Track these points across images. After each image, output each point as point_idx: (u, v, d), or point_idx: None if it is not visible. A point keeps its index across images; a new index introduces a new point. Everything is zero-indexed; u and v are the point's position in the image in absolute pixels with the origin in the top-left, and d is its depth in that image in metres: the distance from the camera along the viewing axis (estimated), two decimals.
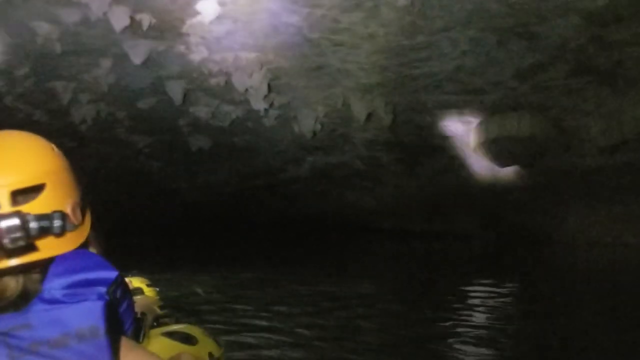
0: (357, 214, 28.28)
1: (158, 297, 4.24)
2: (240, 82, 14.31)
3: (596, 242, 18.35)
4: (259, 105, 15.40)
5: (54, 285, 0.87)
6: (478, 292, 11.05)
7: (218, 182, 25.79)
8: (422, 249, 22.95)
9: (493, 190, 19.92)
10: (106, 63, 13.68)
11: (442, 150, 18.61)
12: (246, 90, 14.66)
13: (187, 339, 2.42)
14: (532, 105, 13.25)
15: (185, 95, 15.86)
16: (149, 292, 4.27)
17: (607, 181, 15.95)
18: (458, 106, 14.52)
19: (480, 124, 14.07)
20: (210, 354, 2.38)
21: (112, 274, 0.90)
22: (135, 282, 4.13)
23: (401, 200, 25.13)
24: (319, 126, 17.63)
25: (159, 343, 2.29)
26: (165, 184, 25.36)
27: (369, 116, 15.93)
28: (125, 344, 0.89)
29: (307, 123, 17.35)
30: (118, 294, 0.91)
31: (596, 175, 15.62)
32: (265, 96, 15.01)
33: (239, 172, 24.64)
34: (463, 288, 11.49)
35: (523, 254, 19.32)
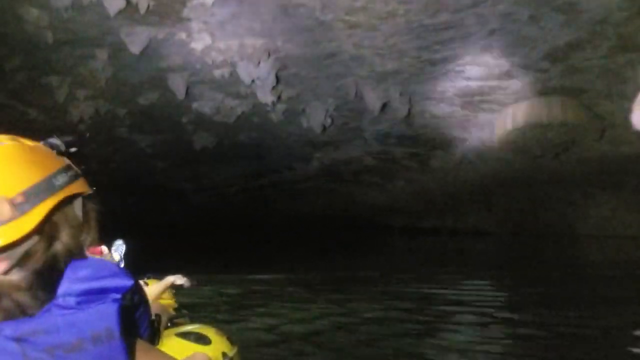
0: (366, 212, 27.36)
1: (173, 299, 4.34)
2: (246, 72, 13.36)
3: (625, 235, 17.34)
4: (266, 97, 14.45)
5: (69, 292, 0.84)
6: (491, 289, 10.17)
7: (223, 182, 24.88)
8: (434, 246, 21.96)
9: (513, 185, 18.95)
10: (102, 54, 12.75)
11: (460, 143, 17.63)
12: (252, 81, 13.71)
13: (201, 339, 2.46)
14: (564, 89, 12.26)
15: (188, 89, 14.95)
16: (164, 294, 4.25)
17: None
18: (482, 93, 13.53)
19: (506, 111, 13.07)
20: (224, 354, 2.41)
21: (128, 283, 0.87)
22: (150, 284, 4.11)
23: (413, 196, 24.20)
24: (329, 120, 16.68)
25: (172, 343, 2.31)
26: (170, 184, 24.46)
27: (383, 107, 14.97)
28: (141, 346, 0.86)
29: (316, 117, 16.41)
30: (134, 299, 0.87)
31: (633, 164, 14.57)
32: (273, 88, 14.07)
33: (244, 172, 23.73)
34: (477, 284, 10.54)
35: (543, 250, 18.32)
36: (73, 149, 1.02)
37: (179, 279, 3.69)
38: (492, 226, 23.06)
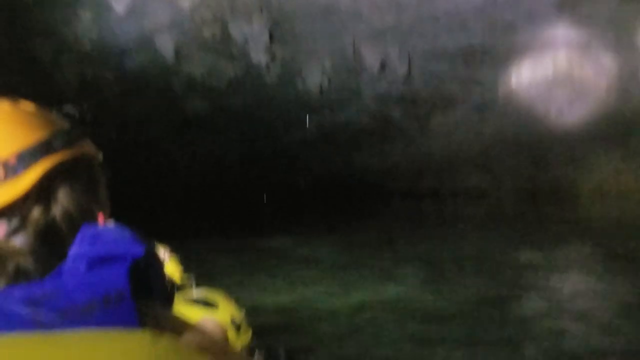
0: (364, 176, 26.92)
1: (180, 265, 4.35)
2: (238, 30, 12.78)
3: (629, 191, 16.99)
4: (260, 57, 13.89)
5: (78, 256, 0.81)
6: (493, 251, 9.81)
7: (217, 150, 24.33)
8: (433, 210, 21.59)
9: (514, 144, 18.49)
10: (86, 15, 12.11)
11: (461, 103, 17.09)
12: (245, 40, 13.12)
13: (209, 304, 2.44)
14: (572, 41, 11.71)
15: (177, 51, 14.34)
16: (170, 260, 4.36)
17: None
18: (485, 48, 12.96)
19: (510, 67, 12.53)
20: (233, 318, 2.41)
21: (140, 248, 0.84)
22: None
23: (411, 159, 23.72)
24: (326, 81, 16.13)
25: (180, 309, 2.22)
26: (161, 154, 23.90)
27: (382, 66, 14.41)
28: (154, 308, 0.85)
29: (313, 78, 15.85)
30: (148, 263, 0.85)
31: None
32: (267, 47, 13.49)
33: (239, 138, 23.15)
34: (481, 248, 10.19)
35: (545, 210, 17.97)
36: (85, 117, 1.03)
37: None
38: (492, 187, 22.68)
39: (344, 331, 5.48)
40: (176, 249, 4.92)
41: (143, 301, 0.83)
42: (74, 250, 0.84)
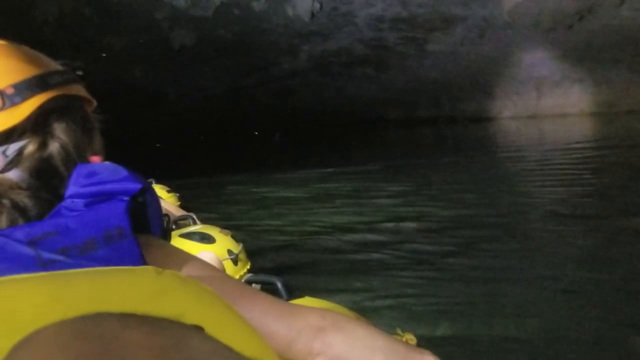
0: (359, 105, 26.31)
1: (179, 203, 4.35)
2: None
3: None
4: None
5: (76, 194, 0.83)
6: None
7: (206, 84, 23.50)
8: (432, 135, 21.14)
9: (516, 64, 17.85)
10: None
11: (460, 22, 16.27)
12: None
13: (205, 239, 2.50)
14: None
15: None
16: (169, 197, 4.37)
17: None
18: None
19: None
20: (229, 251, 2.47)
21: (137, 185, 0.85)
22: (155, 189, 3.13)
23: (408, 86, 23.06)
24: (317, 5, 15.24)
25: (177, 244, 2.08)
26: (150, 89, 23.08)
27: None
28: (155, 242, 0.88)
29: (303, 2, 14.95)
30: (145, 199, 0.88)
31: None
32: None
33: (228, 70, 22.29)
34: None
35: (543, 129, 17.52)
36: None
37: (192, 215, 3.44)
38: (492, 111, 22.21)
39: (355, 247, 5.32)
40: (173, 187, 4.87)
41: (144, 236, 0.83)
42: (71, 188, 0.85)
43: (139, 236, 0.81)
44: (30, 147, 0.87)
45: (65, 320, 0.58)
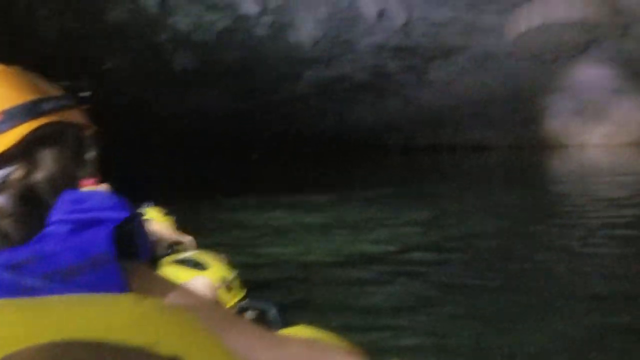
0: (359, 132, 26.31)
1: (175, 226, 4.23)
2: None
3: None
4: (250, 8, 13.03)
5: (61, 221, 0.82)
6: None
7: (208, 106, 23.51)
8: (429, 163, 21.03)
9: (517, 95, 17.85)
10: None
11: (461, 52, 16.32)
12: None
13: (199, 265, 2.45)
14: None
15: (162, 3, 13.46)
16: (165, 221, 4.23)
17: None
18: None
19: (519, 11, 11.76)
20: (224, 278, 2.42)
21: (124, 214, 0.83)
22: (150, 212, 4.12)
23: (408, 113, 23.08)
24: (320, 33, 15.29)
25: (170, 271, 2.29)
26: (152, 110, 23.08)
27: (379, 15, 13.60)
28: (140, 270, 0.84)
29: (306, 29, 14.99)
30: (132, 227, 0.84)
31: None
32: None
33: (229, 94, 22.33)
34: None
35: (547, 161, 17.43)
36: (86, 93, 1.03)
37: (184, 238, 3.43)
38: (493, 140, 22.18)
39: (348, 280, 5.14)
40: (171, 210, 4.68)
41: (129, 264, 0.82)
42: (56, 214, 0.84)
43: (124, 263, 0.79)
44: (17, 174, 0.86)
45: (34, 346, 0.57)
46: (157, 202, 4.80)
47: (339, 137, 27.17)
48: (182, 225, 4.43)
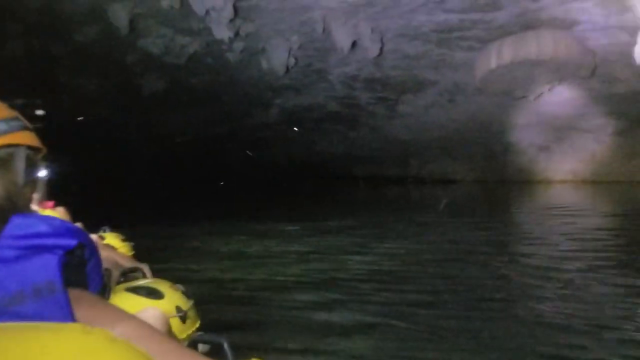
0: (329, 161, 26.26)
1: (132, 252, 4.18)
2: (199, 2, 11.73)
3: (608, 180, 16.80)
4: (222, 32, 12.86)
5: (8, 246, 0.82)
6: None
7: (175, 131, 23.15)
8: (396, 195, 21.08)
9: (484, 130, 18.07)
10: None
11: (432, 86, 16.47)
12: (207, 13, 12.09)
13: (153, 294, 2.35)
14: (554, 22, 11.16)
15: (132, 23, 13.19)
16: (122, 247, 4.20)
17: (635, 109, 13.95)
18: (461, 28, 12.31)
19: (490, 48, 11.92)
20: (178, 308, 2.33)
21: (73, 241, 0.86)
22: (108, 238, 4.08)
23: (377, 145, 23.16)
24: (292, 60, 15.21)
25: (123, 299, 2.24)
26: (116, 134, 22.59)
27: (353, 46, 13.62)
28: (88, 299, 0.85)
29: (278, 56, 14.90)
30: (83, 255, 0.89)
31: (625, 104, 13.74)
32: (231, 21, 12.49)
33: (198, 119, 22.05)
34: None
35: (514, 195, 17.60)
36: (39, 112, 1.23)
37: (140, 265, 3.14)
38: (459, 174, 22.36)
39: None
40: (129, 236, 4.68)
41: (76, 292, 0.79)
42: (2, 240, 0.82)
43: (71, 291, 0.78)
44: None
45: None
46: (117, 227, 4.81)
47: (308, 166, 27.07)
48: (141, 252, 4.32)
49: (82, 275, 0.87)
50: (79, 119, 18.40)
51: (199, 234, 10.23)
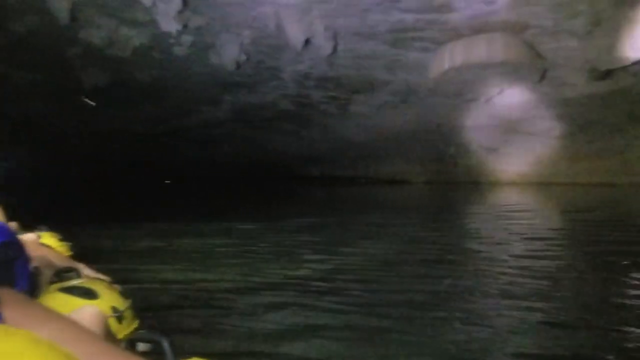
0: (280, 160, 25.90)
1: (70, 252, 4.02)
2: None
3: (552, 182, 17.14)
4: (170, 25, 12.31)
5: None
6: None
7: (119, 127, 22.25)
8: (346, 195, 20.98)
9: (435, 131, 18.12)
10: None
11: (384, 86, 16.35)
12: (153, 4, 11.52)
13: (88, 293, 2.23)
14: (506, 25, 11.17)
15: (73, 15, 12.46)
16: (59, 246, 4.09)
17: (586, 114, 14.29)
18: (416, 28, 12.19)
19: (444, 49, 11.85)
20: (114, 308, 2.21)
21: None
22: (45, 237, 3.95)
23: (330, 144, 22.96)
24: (243, 56, 14.77)
25: (56, 299, 2.12)
26: (55, 130, 21.53)
27: (306, 44, 13.32)
28: (16, 299, 0.83)
29: (229, 51, 14.43)
30: (9, 254, 0.89)
31: (571, 108, 14.00)
32: (179, 13, 11.96)
33: (143, 115, 21.24)
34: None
35: (463, 196, 17.76)
36: None
37: (76, 264, 2.85)
38: (410, 174, 22.43)
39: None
40: (65, 234, 4.35)
41: (3, 291, 0.79)
42: None
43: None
44: None
45: None
46: (56, 226, 4.50)
47: (258, 165, 26.62)
48: (80, 251, 4.14)
49: (8, 273, 0.85)
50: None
51: (143, 234, 9.75)
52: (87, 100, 17.65)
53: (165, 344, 1.86)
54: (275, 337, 4.10)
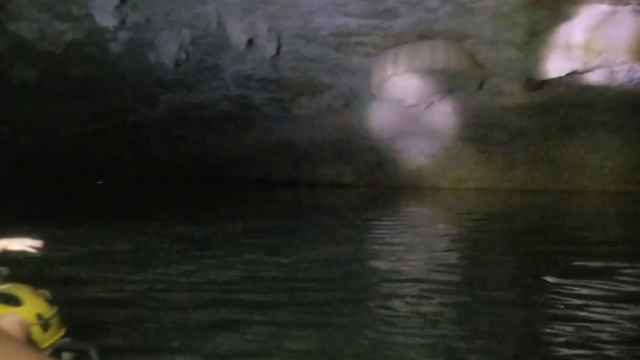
0: (219, 162, 25.44)
1: None
2: None
3: (490, 188, 17.57)
4: (106, 20, 11.81)
5: None
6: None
7: (49, 125, 21.24)
8: (289, 198, 20.84)
9: (377, 135, 18.25)
10: None
11: (327, 90, 16.32)
12: None
13: (10, 300, 2.21)
14: (448, 34, 11.34)
15: (1, 3, 11.76)
16: None
17: (521, 122, 14.73)
18: (360, 33, 12.20)
19: (387, 55, 11.92)
20: (39, 315, 2.21)
21: None
22: None
23: (270, 146, 22.75)
24: (183, 55, 14.37)
25: None
26: None
27: (249, 44, 13.09)
28: None
29: (168, 50, 14.00)
30: None
31: (505, 116, 14.42)
32: (116, 8, 11.49)
33: (76, 113, 20.35)
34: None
35: (401, 201, 17.99)
36: None
37: (15, 244, 2.87)
38: (350, 178, 22.50)
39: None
40: None
41: None
42: None
43: None
44: None
45: None
46: None
47: (197, 167, 26.05)
48: (2, 256, 3.78)
49: None
50: None
51: (77, 236, 9.34)
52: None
53: (93, 353, 1.82)
54: (203, 332, 4.11)
